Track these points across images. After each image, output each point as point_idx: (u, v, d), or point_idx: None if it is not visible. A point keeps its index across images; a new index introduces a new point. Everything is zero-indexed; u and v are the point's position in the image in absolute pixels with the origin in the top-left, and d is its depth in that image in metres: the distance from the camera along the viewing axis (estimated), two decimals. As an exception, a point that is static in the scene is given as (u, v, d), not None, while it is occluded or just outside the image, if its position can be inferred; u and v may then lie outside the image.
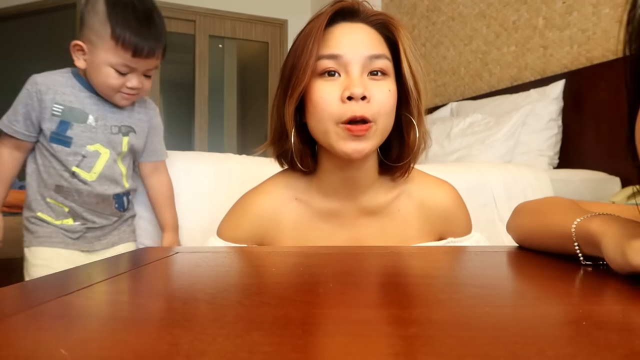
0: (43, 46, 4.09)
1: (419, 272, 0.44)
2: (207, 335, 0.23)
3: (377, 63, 0.68)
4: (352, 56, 0.67)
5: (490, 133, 2.10)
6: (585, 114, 2.05)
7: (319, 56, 0.67)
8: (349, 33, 0.69)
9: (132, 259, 0.50)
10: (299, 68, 0.67)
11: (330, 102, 0.66)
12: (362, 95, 0.65)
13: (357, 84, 0.66)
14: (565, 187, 1.71)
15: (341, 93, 0.66)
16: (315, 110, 0.68)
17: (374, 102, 0.66)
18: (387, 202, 0.77)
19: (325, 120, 0.67)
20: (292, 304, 0.30)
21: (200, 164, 1.22)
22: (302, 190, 0.77)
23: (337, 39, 0.69)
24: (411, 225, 0.77)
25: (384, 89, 0.68)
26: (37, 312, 0.28)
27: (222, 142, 4.37)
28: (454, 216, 0.79)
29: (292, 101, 0.69)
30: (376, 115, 0.67)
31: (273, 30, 4.30)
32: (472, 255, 0.54)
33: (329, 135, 0.67)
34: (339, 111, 0.66)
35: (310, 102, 0.68)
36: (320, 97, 0.67)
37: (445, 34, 3.02)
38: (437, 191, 0.79)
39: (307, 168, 0.75)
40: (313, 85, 0.68)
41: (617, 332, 0.23)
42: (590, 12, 2.10)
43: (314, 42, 0.67)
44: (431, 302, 0.31)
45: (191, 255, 0.52)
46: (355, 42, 0.68)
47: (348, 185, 0.74)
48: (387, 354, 0.20)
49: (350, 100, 0.65)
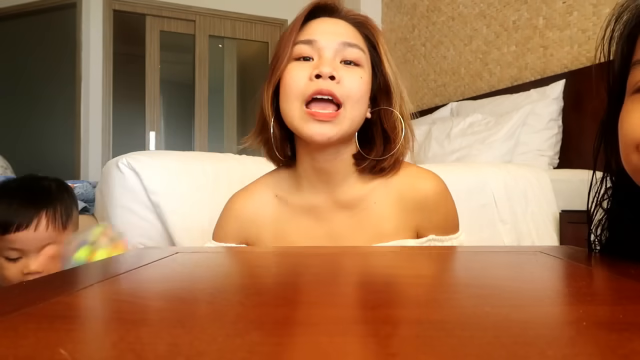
0: (43, 46, 4.09)
1: (419, 272, 0.44)
2: (207, 335, 0.23)
3: (351, 52, 0.70)
4: (326, 42, 0.70)
5: (490, 133, 2.10)
6: (585, 114, 2.05)
7: (295, 42, 0.70)
8: (326, 23, 0.73)
9: (132, 259, 0.50)
10: (278, 55, 0.71)
11: (298, 80, 0.68)
12: (331, 75, 0.66)
13: (326, 63, 0.67)
14: (565, 187, 1.71)
15: (310, 72, 0.68)
16: (284, 90, 0.70)
17: (343, 84, 0.68)
18: (362, 195, 0.74)
19: (293, 99, 0.68)
20: (293, 304, 0.30)
21: (200, 164, 1.22)
22: (284, 187, 0.78)
23: (314, 28, 0.72)
24: (388, 219, 0.74)
25: (356, 75, 0.69)
26: (37, 311, 0.28)
27: (222, 142, 4.37)
28: (433, 207, 0.73)
29: (270, 86, 0.72)
30: (345, 98, 0.67)
31: (273, 30, 4.30)
32: (472, 255, 0.54)
33: (295, 118, 0.68)
34: (305, 88, 0.67)
35: (282, 84, 0.70)
36: (291, 77, 0.69)
37: (445, 34, 3.02)
38: (416, 180, 0.74)
39: (285, 157, 0.76)
40: (287, 68, 0.70)
41: (617, 332, 0.23)
42: (590, 12, 2.10)
43: (292, 31, 0.71)
44: (431, 302, 0.31)
45: (191, 255, 0.52)
46: (331, 31, 0.71)
47: (322, 177, 0.74)
48: (387, 354, 0.20)
49: (318, 79, 0.67)
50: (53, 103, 4.05)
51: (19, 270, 0.84)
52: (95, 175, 3.33)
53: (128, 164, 1.17)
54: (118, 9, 3.79)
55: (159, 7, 3.91)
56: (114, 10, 3.78)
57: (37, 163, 3.65)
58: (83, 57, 3.68)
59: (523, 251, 0.55)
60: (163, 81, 4.04)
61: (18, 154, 3.47)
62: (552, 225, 1.59)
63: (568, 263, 0.47)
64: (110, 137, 3.77)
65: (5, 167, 2.93)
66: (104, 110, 3.71)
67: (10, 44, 4.11)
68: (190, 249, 0.58)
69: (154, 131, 3.99)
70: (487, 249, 0.58)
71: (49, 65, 4.07)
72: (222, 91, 4.49)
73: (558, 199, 1.64)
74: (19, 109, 4.19)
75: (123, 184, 1.17)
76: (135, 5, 3.85)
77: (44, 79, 4.11)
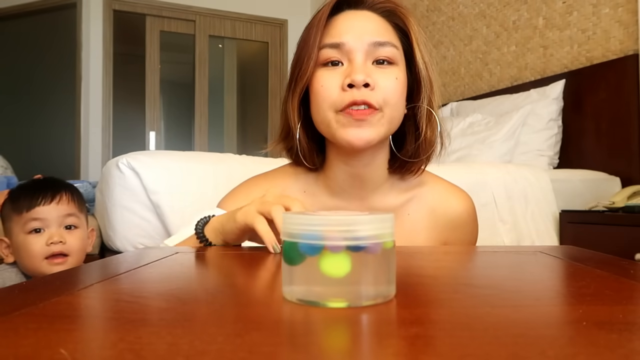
0: (43, 46, 4.09)
1: (419, 272, 0.44)
2: (207, 335, 0.23)
3: (383, 51, 0.64)
4: (355, 43, 0.64)
5: (490, 133, 2.10)
6: (585, 114, 2.05)
7: (321, 46, 0.65)
8: (352, 19, 0.66)
9: (132, 259, 0.50)
10: (302, 59, 0.66)
11: (330, 90, 0.64)
12: (365, 82, 0.61)
13: (358, 70, 0.62)
14: (565, 187, 1.71)
15: (342, 81, 0.63)
16: (316, 99, 0.65)
17: (379, 89, 0.63)
18: (397, 205, 0.73)
19: (326, 109, 0.64)
20: (292, 303, 0.30)
21: (200, 164, 1.22)
22: (311, 184, 0.74)
23: (340, 27, 0.66)
24: (419, 232, 0.73)
25: (390, 76, 0.64)
26: (37, 311, 0.28)
27: (222, 142, 4.37)
28: (463, 226, 0.75)
29: (296, 94, 0.67)
30: (382, 103, 0.63)
31: (273, 30, 4.30)
32: (472, 255, 0.54)
33: (330, 124, 0.64)
34: (339, 98, 0.63)
35: (312, 93, 0.66)
36: (321, 85, 0.64)
37: (445, 34, 3.02)
38: (450, 197, 0.74)
39: (312, 165, 0.72)
40: (315, 75, 0.65)
41: (617, 332, 0.23)
42: (590, 12, 2.10)
43: (317, 32, 0.65)
44: (431, 302, 0.31)
45: (191, 255, 0.52)
46: (358, 29, 0.65)
47: (355, 183, 0.70)
48: (387, 354, 0.20)
49: (352, 88, 0.62)
50: (53, 103, 4.06)
51: (43, 243, 0.91)
52: (95, 175, 3.33)
53: (128, 163, 1.17)
54: (118, 9, 3.79)
55: (159, 7, 3.91)
56: (114, 10, 3.78)
57: (37, 163, 3.66)
58: (83, 57, 3.68)
59: (523, 251, 0.55)
60: (163, 81, 4.04)
61: (18, 154, 3.47)
62: (552, 225, 1.59)
63: (568, 263, 0.47)
64: (110, 137, 3.77)
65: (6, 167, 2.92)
66: (104, 110, 3.71)
67: (10, 43, 4.12)
68: (190, 249, 0.58)
69: (154, 131, 3.99)
70: (487, 249, 0.58)
71: (49, 65, 4.07)
72: (222, 91, 4.50)
73: (558, 199, 1.64)
74: (19, 109, 4.20)
75: (123, 183, 1.17)
76: (135, 5, 3.85)
77: (44, 78, 4.11)
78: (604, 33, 2.03)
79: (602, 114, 1.96)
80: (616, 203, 1.53)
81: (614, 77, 1.92)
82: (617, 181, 1.85)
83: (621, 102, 1.89)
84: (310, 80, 0.66)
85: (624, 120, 1.87)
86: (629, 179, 1.82)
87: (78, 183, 2.08)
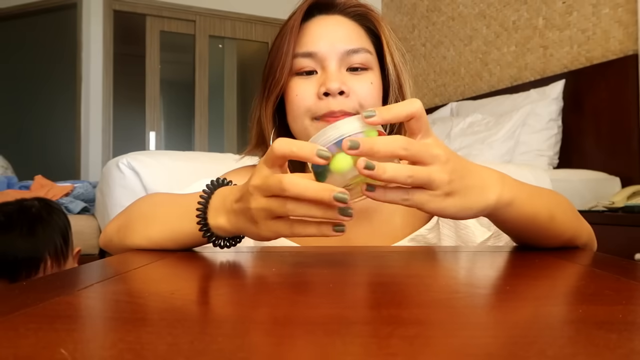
0: (43, 46, 4.10)
1: (419, 272, 0.44)
2: (207, 335, 0.23)
3: (356, 58, 0.65)
4: (328, 51, 0.64)
5: (490, 133, 2.10)
6: (585, 114, 2.05)
7: (294, 54, 0.65)
8: (324, 26, 0.67)
9: (132, 259, 0.50)
10: (275, 68, 0.66)
11: (305, 99, 0.64)
12: (340, 90, 0.62)
13: (333, 78, 0.62)
14: (565, 187, 1.71)
15: (317, 89, 0.63)
16: (292, 108, 0.66)
17: (354, 95, 0.64)
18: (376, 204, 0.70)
19: (302, 117, 0.65)
20: (292, 304, 0.30)
21: (200, 164, 1.22)
22: None
23: (313, 34, 0.66)
24: (397, 212, 0.72)
25: (365, 81, 0.65)
26: (37, 311, 0.28)
27: (222, 142, 4.37)
28: None
29: (270, 102, 0.68)
30: (358, 108, 0.63)
31: (273, 30, 4.30)
32: (471, 255, 0.54)
33: (308, 131, 0.64)
34: (315, 106, 0.63)
35: (288, 102, 0.67)
36: (296, 95, 0.65)
37: (445, 34, 3.02)
38: None
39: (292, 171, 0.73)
40: (290, 84, 0.66)
41: (617, 332, 0.23)
42: (590, 12, 2.10)
43: (290, 40, 0.65)
44: (431, 302, 0.31)
45: (191, 255, 0.52)
46: (331, 36, 0.65)
47: None
48: (386, 354, 0.20)
49: (327, 97, 0.63)
50: (53, 103, 4.06)
51: None
52: (96, 175, 3.33)
53: (128, 164, 1.17)
54: (118, 9, 3.79)
55: (159, 7, 3.91)
56: (114, 10, 3.78)
57: (37, 163, 3.66)
58: (83, 57, 3.68)
59: (523, 251, 0.55)
60: (163, 81, 4.04)
61: (18, 154, 3.48)
62: (552, 225, 1.58)
63: (568, 263, 0.47)
64: (110, 137, 3.77)
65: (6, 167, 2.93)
66: (104, 110, 3.71)
67: (10, 44, 4.12)
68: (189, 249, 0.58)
69: (154, 131, 3.99)
70: (487, 249, 0.59)
71: (50, 65, 4.08)
72: (222, 91, 4.50)
73: (558, 199, 1.64)
74: (19, 109, 4.20)
75: (123, 183, 1.17)
76: (135, 6, 3.85)
77: (44, 78, 4.12)
78: (604, 33, 2.03)
79: (602, 114, 1.97)
80: (616, 203, 1.53)
81: (613, 77, 1.92)
82: (617, 181, 1.86)
83: (621, 102, 1.89)
84: (284, 89, 0.67)
85: (624, 120, 1.87)
86: (629, 179, 1.82)
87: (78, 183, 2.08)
